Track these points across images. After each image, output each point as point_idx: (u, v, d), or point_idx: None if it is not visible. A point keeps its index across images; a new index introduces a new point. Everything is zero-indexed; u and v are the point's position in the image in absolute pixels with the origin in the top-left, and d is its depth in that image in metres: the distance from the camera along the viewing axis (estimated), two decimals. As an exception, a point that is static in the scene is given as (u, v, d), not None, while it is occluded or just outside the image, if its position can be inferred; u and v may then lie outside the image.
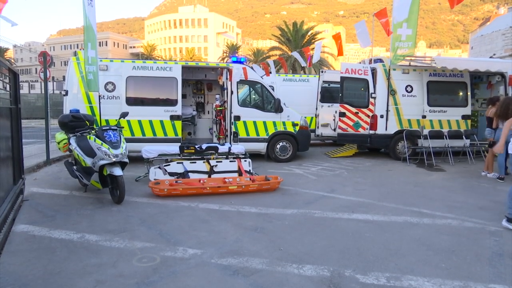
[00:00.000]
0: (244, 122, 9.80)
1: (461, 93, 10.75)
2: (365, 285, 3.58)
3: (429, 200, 6.49)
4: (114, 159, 5.92)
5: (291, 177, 8.17)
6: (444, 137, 10.13)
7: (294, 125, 10.03)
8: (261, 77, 10.37)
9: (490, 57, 27.33)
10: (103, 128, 6.33)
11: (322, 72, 12.75)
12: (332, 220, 5.44)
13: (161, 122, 9.39)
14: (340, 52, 9.66)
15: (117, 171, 5.92)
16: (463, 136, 10.30)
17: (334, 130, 11.26)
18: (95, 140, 6.05)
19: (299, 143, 10.07)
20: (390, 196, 6.78)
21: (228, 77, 9.77)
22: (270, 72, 12.30)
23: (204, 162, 7.61)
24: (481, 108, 11.56)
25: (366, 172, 8.90)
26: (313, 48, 12.52)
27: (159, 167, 7.33)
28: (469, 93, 10.69)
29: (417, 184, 7.74)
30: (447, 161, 9.92)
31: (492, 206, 6.21)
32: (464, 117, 10.59)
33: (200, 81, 11.71)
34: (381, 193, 6.99)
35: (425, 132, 10.06)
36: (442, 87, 10.63)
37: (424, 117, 10.38)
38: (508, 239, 4.75)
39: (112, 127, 6.36)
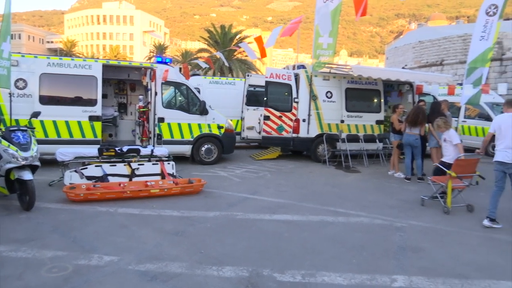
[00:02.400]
0: (169, 124, 9.62)
1: (375, 100, 11.56)
2: (282, 283, 3.71)
3: (344, 200, 6.88)
4: (23, 162, 5.48)
5: (215, 179, 8.18)
6: (360, 140, 10.81)
7: (219, 127, 10.05)
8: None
9: (402, 68, 29.71)
10: (11, 128, 5.84)
11: (248, 76, 12.94)
12: (253, 221, 5.55)
13: (79, 123, 8.88)
14: (263, 54, 9.88)
15: (27, 175, 5.49)
16: (377, 140, 11.08)
17: (259, 133, 11.48)
18: (1, 142, 5.55)
19: (224, 145, 10.11)
20: (309, 197, 7.08)
21: (152, 77, 9.53)
22: (197, 74, 12.20)
23: (125, 165, 7.33)
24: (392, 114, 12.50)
25: (289, 174, 9.19)
26: (243, 51, 12.68)
27: (75, 171, 6.91)
28: (382, 100, 11.54)
29: (334, 185, 8.17)
30: (362, 163, 10.59)
31: (400, 204, 6.76)
32: (378, 122, 11.40)
33: (122, 81, 11.27)
34: (302, 194, 7.27)
35: (343, 135, 10.66)
36: (359, 94, 11.35)
37: (342, 121, 10.98)
38: (411, 234, 5.21)
39: (22, 128, 5.89)
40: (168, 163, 7.70)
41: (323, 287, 3.66)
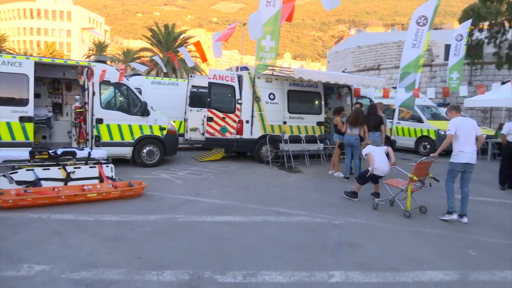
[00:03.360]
0: (108, 126, 9.27)
1: (316, 102, 11.92)
2: (223, 284, 3.71)
3: (286, 200, 7.02)
4: None
5: (157, 182, 8.00)
6: (302, 141, 11.09)
7: (161, 129, 9.85)
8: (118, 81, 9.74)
9: (343, 71, 30.91)
10: None
11: (191, 76, 12.80)
12: (195, 223, 5.50)
13: (8, 124, 8.28)
14: (204, 59, 9.84)
15: None
16: (318, 141, 11.43)
17: (203, 134, 11.39)
18: None
19: (166, 147, 9.92)
20: (252, 197, 7.15)
21: (89, 76, 9.13)
22: (138, 74, 11.86)
23: (59, 168, 6.95)
24: (333, 116, 12.97)
25: (232, 175, 9.22)
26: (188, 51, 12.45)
27: (3, 175, 6.44)
28: (323, 102, 11.92)
29: (277, 186, 8.31)
30: (304, 163, 10.87)
31: (339, 202, 7.02)
32: (319, 123, 11.76)
33: (57, 80, 10.66)
34: (245, 195, 7.32)
35: (286, 137, 10.87)
36: (301, 96, 11.63)
37: (285, 123, 11.20)
38: (348, 231, 5.43)
39: None
40: (107, 166, 7.40)
41: (264, 286, 3.72)
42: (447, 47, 20.55)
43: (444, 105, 19.62)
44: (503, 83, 15.14)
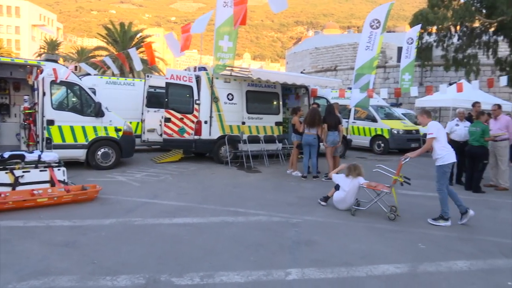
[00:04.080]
0: (59, 127, 8.90)
1: (274, 102, 12.05)
2: (180, 287, 3.68)
3: (245, 200, 7.05)
4: None
5: (113, 185, 7.78)
6: (261, 141, 11.18)
7: (117, 130, 9.59)
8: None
9: (301, 72, 31.44)
10: None
11: (148, 76, 12.55)
12: (152, 226, 5.40)
13: None
14: (152, 61, 9.68)
15: None
16: (276, 140, 11.56)
17: (161, 135, 11.20)
18: None
19: (122, 149, 9.67)
20: (211, 198, 7.11)
21: (36, 76, 8.72)
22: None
23: (6, 173, 6.59)
24: (291, 116, 13.17)
25: (191, 176, 9.13)
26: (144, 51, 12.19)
27: None
28: (281, 103, 12.07)
29: (236, 186, 8.32)
30: (263, 163, 10.96)
31: (296, 201, 7.13)
32: (277, 123, 11.90)
33: (4, 79, 10.11)
34: (203, 196, 7.27)
35: (245, 137, 10.91)
36: (259, 97, 11.72)
37: (243, 123, 11.23)
38: (305, 229, 5.53)
39: None
40: (59, 169, 7.11)
41: (221, 287, 3.71)
42: (400, 50, 21.38)
43: (396, 105, 20.47)
44: (450, 84, 15.96)
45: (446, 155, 6.02)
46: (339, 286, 3.82)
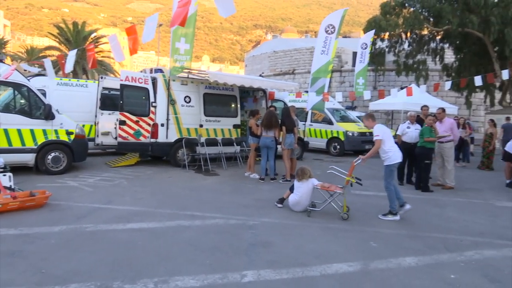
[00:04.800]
0: (5, 130, 8.44)
1: (232, 105, 12.06)
2: (132, 293, 3.59)
3: (202, 203, 7.00)
4: None
5: (63, 190, 7.47)
6: (219, 144, 11.15)
7: (68, 133, 9.22)
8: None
9: (260, 75, 31.66)
10: None
11: (101, 78, 12.17)
12: (105, 232, 5.24)
13: None
14: (94, 65, 9.43)
15: None
16: (234, 143, 11.57)
17: (115, 138, 10.89)
18: None
19: (74, 153, 9.31)
20: (167, 202, 7.00)
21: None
22: (41, 75, 10.96)
23: None
24: (249, 119, 13.23)
25: (147, 180, 8.95)
26: (100, 51, 11.81)
27: None
28: (238, 105, 12.11)
29: (193, 189, 8.24)
30: (221, 166, 10.94)
31: (254, 203, 7.16)
32: (235, 126, 11.91)
33: None
34: (159, 200, 7.14)
35: (202, 140, 10.83)
36: (217, 99, 11.69)
37: (201, 126, 11.15)
38: (262, 230, 5.57)
39: None
40: (4, 175, 6.73)
41: (176, 292, 3.66)
42: (355, 55, 22.11)
43: (352, 108, 21.11)
44: (401, 88, 16.67)
45: (392, 155, 6.44)
46: (294, 286, 3.88)
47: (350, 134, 15.11)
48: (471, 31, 19.38)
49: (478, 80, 11.81)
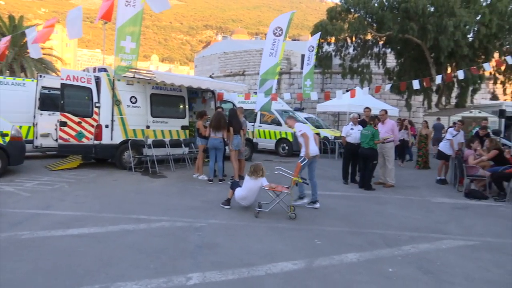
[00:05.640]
0: None
1: (180, 106, 11.88)
2: (70, 302, 3.43)
3: (148, 206, 6.84)
4: None
5: (-3, 196, 7.00)
6: (166, 145, 10.94)
7: (3, 135, 8.65)
8: None
9: (210, 76, 31.52)
10: None
11: (40, 76, 11.51)
12: (42, 239, 4.97)
13: None
14: (1, 57, 8.93)
15: None
16: (183, 145, 11.41)
17: (56, 140, 10.34)
18: None
19: (10, 156, 8.74)
20: (111, 206, 6.77)
21: None
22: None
23: None
24: (197, 120, 13.11)
25: (90, 184, 8.59)
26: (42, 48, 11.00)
27: None
28: (187, 106, 11.96)
29: (139, 192, 8.03)
30: (169, 168, 10.74)
31: (201, 205, 7.11)
32: (183, 127, 11.75)
33: None
34: (102, 204, 6.89)
35: (149, 141, 10.58)
36: (164, 100, 11.46)
37: (148, 127, 10.89)
38: (209, 232, 5.54)
39: None
40: None
41: (117, 298, 3.55)
42: (303, 57, 22.61)
43: (300, 110, 21.56)
44: (347, 90, 17.27)
45: (310, 151, 7.13)
46: (240, 287, 3.89)
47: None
48: (411, 38, 20.50)
49: (416, 84, 12.51)
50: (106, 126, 10.10)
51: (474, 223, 6.65)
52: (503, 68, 22.16)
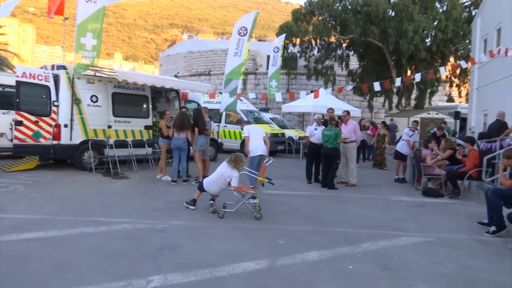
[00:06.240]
0: None
1: (144, 106, 11.66)
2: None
3: (109, 208, 6.67)
4: None
5: None
6: (129, 146, 10.70)
7: (-48, 135, 8.19)
8: None
9: (175, 75, 31.12)
10: None
11: (-7, 73, 11.00)
12: (-6, 244, 4.74)
13: None
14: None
15: None
16: (146, 145, 11.20)
17: (11, 140, 9.88)
18: None
19: (-41, 157, 8.29)
20: (70, 208, 6.55)
21: None
22: None
23: None
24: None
25: (47, 186, 8.28)
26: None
27: None
28: (150, 106, 11.74)
29: (100, 193, 7.81)
30: (131, 169, 10.51)
31: (164, 206, 7.00)
32: (147, 127, 11.54)
33: None
34: (61, 206, 6.65)
35: (111, 141, 10.31)
36: (127, 99, 11.21)
37: (109, 127, 10.61)
38: (171, 233, 5.47)
39: None
40: None
41: (74, 304, 3.44)
42: (269, 58, 22.76)
43: (265, 110, 21.69)
44: (311, 91, 17.52)
45: (253, 150, 7.96)
46: (201, 288, 3.87)
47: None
48: (372, 41, 21.11)
49: (377, 86, 12.87)
50: (65, 126, 9.76)
51: (430, 220, 6.92)
52: (458, 71, 23.24)
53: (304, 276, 4.25)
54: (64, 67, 10.15)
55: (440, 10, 21.66)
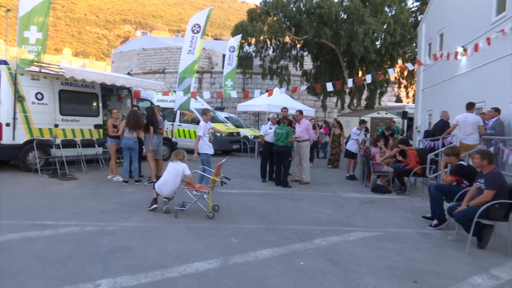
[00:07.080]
0: None
1: (93, 104, 11.23)
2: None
3: (55, 211, 6.38)
4: None
5: None
6: (78, 145, 10.28)
7: None
8: None
9: (128, 73, 30.29)
10: None
11: None
12: None
13: None
14: None
15: None
16: (96, 144, 10.81)
17: None
18: None
19: None
20: (12, 212, 6.19)
21: None
22: None
23: None
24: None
25: (-13, 188, 7.78)
26: None
27: None
28: (100, 104, 11.34)
29: (46, 195, 7.45)
30: (81, 169, 10.11)
31: (115, 207, 6.80)
32: (97, 126, 11.14)
33: None
34: (2, 210, 6.25)
35: (58, 141, 9.86)
36: (75, 97, 10.75)
37: (56, 126, 10.15)
38: (122, 235, 5.32)
39: None
40: None
41: (14, 312, 3.26)
42: (224, 57, 22.71)
43: (220, 109, 21.64)
44: (266, 91, 17.68)
45: (204, 148, 8.23)
46: (152, 290, 3.80)
47: (218, 134, 15.44)
48: (326, 42, 21.64)
49: (329, 86, 13.19)
50: (7, 125, 9.22)
51: (378, 215, 7.21)
52: (405, 73, 24.37)
53: (256, 273, 4.28)
54: (5, 62, 9.56)
55: (389, 14, 22.60)
